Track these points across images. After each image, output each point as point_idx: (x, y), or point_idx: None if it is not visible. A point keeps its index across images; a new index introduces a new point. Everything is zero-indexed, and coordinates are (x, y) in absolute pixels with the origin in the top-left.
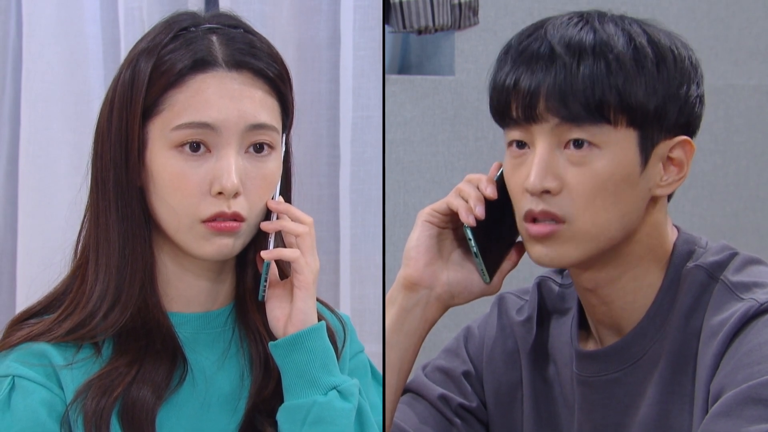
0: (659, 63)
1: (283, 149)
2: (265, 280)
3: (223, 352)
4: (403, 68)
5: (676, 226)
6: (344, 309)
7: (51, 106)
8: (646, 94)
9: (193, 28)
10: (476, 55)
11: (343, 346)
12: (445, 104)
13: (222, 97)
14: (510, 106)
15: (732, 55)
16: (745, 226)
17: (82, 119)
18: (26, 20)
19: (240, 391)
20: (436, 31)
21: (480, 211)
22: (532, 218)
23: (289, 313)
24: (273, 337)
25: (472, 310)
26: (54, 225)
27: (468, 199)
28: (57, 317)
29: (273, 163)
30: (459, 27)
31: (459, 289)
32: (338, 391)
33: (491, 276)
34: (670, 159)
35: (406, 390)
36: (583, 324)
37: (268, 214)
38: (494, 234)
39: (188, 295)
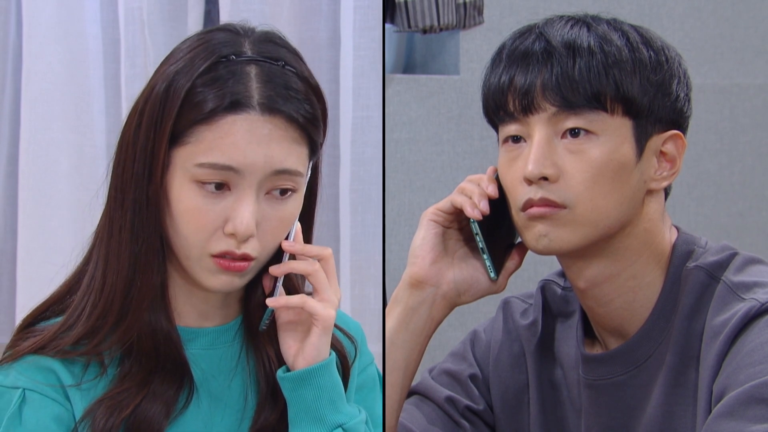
0: (653, 61)
1: (309, 174)
2: (267, 319)
3: (231, 371)
4: (408, 68)
5: (675, 227)
6: (344, 309)
7: (51, 106)
8: (641, 88)
9: (233, 57)
10: (481, 54)
11: (353, 363)
12: (450, 103)
13: (250, 142)
14: (506, 102)
15: (738, 54)
16: (750, 226)
17: (82, 119)
18: (26, 20)
19: (244, 413)
20: (441, 30)
21: (484, 206)
22: (531, 206)
23: (301, 345)
24: (282, 359)
25: (477, 310)
26: (54, 225)
27: (471, 196)
28: (61, 326)
29: (293, 205)
30: (464, 26)
31: (465, 287)
32: (344, 429)
33: (497, 272)
34: (662, 153)
35: (413, 392)
36: (587, 327)
37: (280, 254)
38: (497, 233)
39: (197, 310)
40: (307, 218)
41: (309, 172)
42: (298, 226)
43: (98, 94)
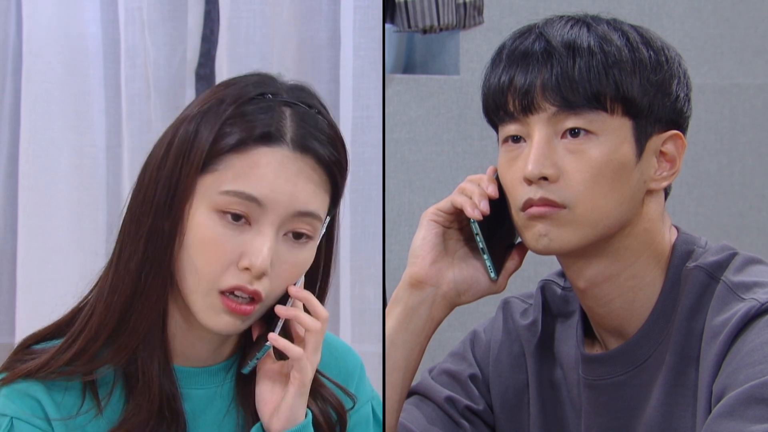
0: (653, 61)
1: (323, 231)
2: (257, 359)
3: (220, 413)
4: (408, 68)
5: (675, 227)
6: (344, 309)
7: (51, 107)
8: (641, 88)
9: (269, 96)
10: (481, 54)
11: (348, 412)
12: (450, 104)
13: (278, 177)
14: (506, 102)
15: (737, 54)
16: (750, 226)
17: (82, 119)
18: (26, 20)
19: None
20: (441, 30)
21: (485, 206)
22: (531, 206)
23: (278, 404)
24: None
25: (477, 310)
26: (54, 225)
27: (471, 196)
28: (61, 346)
29: (308, 253)
30: (464, 26)
31: (465, 287)
32: None
33: (497, 273)
34: (662, 153)
35: (413, 392)
36: (587, 327)
37: (284, 297)
38: (497, 233)
39: (190, 353)
40: (322, 278)
41: (324, 228)
42: (302, 279)
43: (98, 94)
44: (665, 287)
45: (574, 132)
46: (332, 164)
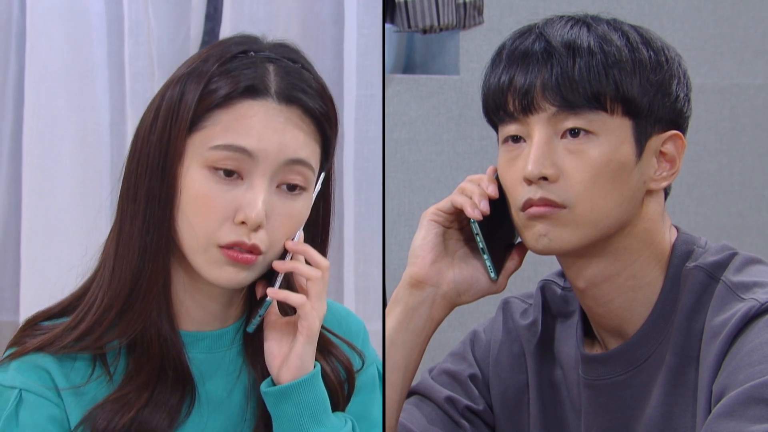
0: (653, 61)
1: (318, 187)
2: (261, 316)
3: (231, 376)
4: (408, 67)
5: (675, 227)
6: (348, 287)
7: (55, 84)
8: (640, 88)
9: (252, 53)
10: (481, 54)
11: (358, 372)
12: (450, 104)
13: (266, 128)
14: (506, 102)
15: (737, 54)
16: (750, 226)
17: (85, 97)
18: None
19: (243, 424)
20: (440, 30)
21: (485, 206)
22: (531, 206)
23: (286, 355)
24: None
25: (477, 310)
26: (57, 203)
27: (472, 196)
28: (70, 323)
29: (302, 203)
30: (464, 26)
31: (465, 287)
32: None
33: (497, 273)
34: (662, 153)
35: (413, 392)
36: (587, 327)
37: (283, 252)
38: (497, 233)
39: (198, 315)
40: (322, 233)
41: (319, 184)
42: (302, 234)
43: (102, 72)
44: (665, 287)
45: (574, 132)
46: (321, 116)
